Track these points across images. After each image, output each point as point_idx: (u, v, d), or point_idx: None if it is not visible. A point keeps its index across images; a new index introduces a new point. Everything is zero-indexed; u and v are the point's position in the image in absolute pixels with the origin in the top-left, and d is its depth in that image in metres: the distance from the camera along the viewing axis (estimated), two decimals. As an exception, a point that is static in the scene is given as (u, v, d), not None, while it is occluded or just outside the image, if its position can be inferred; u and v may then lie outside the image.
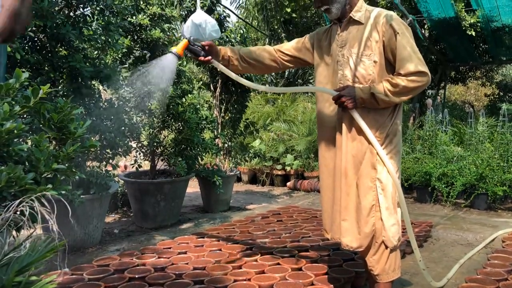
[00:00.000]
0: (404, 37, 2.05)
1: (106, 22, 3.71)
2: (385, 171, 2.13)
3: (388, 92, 2.04)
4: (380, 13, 2.14)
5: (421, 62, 2.05)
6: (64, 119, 1.56)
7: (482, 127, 6.39)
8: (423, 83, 2.06)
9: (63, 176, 1.52)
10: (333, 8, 2.16)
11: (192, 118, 4.44)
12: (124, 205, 5.24)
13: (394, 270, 2.20)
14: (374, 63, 2.11)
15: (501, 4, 7.38)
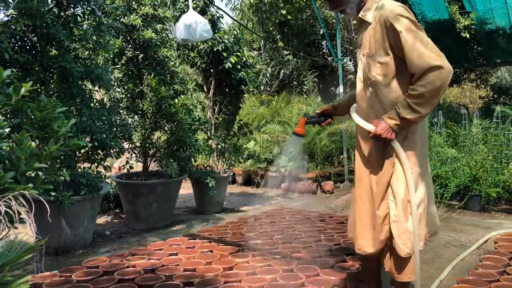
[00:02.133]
0: (408, 34, 1.92)
1: (97, 22, 3.69)
2: (397, 176, 2.06)
3: (414, 105, 1.91)
4: (384, 10, 2.00)
5: (434, 54, 1.89)
6: (47, 117, 1.53)
7: (476, 129, 6.39)
8: (444, 77, 1.87)
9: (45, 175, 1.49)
10: (347, 9, 2.13)
11: (184, 119, 4.41)
12: (116, 207, 5.21)
13: (410, 272, 2.17)
14: (380, 64, 2.03)
15: (495, 7, 7.39)
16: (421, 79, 1.89)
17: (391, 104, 2.03)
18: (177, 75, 4.72)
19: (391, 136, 1.98)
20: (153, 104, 4.47)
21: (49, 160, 1.50)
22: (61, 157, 1.96)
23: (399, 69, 2.01)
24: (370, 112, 2.13)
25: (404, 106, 1.94)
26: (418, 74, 1.91)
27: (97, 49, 3.82)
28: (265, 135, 7.53)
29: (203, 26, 4.11)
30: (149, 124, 4.56)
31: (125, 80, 4.59)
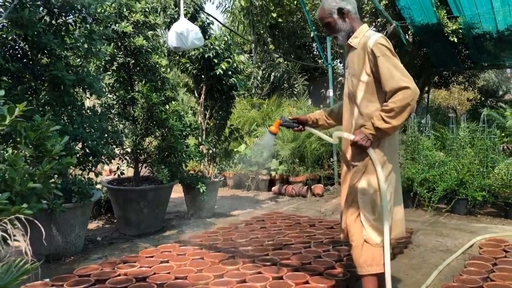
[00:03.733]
0: (384, 59, 2.29)
1: (89, 30, 3.70)
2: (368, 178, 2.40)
3: (388, 118, 2.27)
4: (368, 39, 2.38)
5: (403, 77, 2.26)
6: (41, 136, 1.56)
7: (463, 132, 6.50)
8: (411, 97, 2.24)
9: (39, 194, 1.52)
10: (339, 36, 2.53)
11: (175, 126, 4.45)
12: (107, 212, 5.22)
13: (370, 265, 2.41)
14: (361, 82, 2.41)
15: (482, 12, 7.53)
16: (393, 97, 2.26)
17: (370, 116, 2.38)
18: (168, 81, 4.74)
19: (367, 144, 2.35)
20: (144, 110, 4.50)
21: (43, 179, 1.53)
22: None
23: (377, 88, 2.37)
24: (353, 123, 2.48)
25: (378, 118, 2.30)
26: (390, 93, 2.27)
27: (89, 57, 3.83)
28: (256, 138, 7.58)
29: (194, 34, 4.15)
30: (140, 130, 4.59)
31: (116, 87, 4.61)
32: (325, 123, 2.84)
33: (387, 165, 2.43)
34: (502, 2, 7.04)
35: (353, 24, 2.50)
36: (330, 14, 2.50)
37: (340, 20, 2.49)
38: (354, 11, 2.52)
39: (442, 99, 15.87)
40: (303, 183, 6.91)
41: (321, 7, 2.57)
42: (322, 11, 2.54)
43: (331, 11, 2.50)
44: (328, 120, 2.83)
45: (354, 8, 2.52)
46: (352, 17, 2.50)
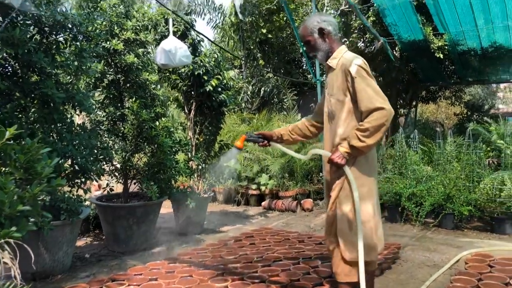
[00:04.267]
0: (361, 79, 2.40)
1: (79, 48, 3.74)
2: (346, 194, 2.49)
3: (362, 137, 2.36)
4: (347, 60, 2.49)
5: (379, 98, 2.36)
6: (30, 159, 1.59)
7: (450, 147, 6.60)
8: (385, 117, 2.34)
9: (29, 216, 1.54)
10: (318, 55, 2.64)
11: (165, 142, 4.47)
12: (96, 228, 5.20)
13: (347, 275, 2.52)
14: (339, 102, 2.52)
15: (466, 30, 7.71)
16: (368, 117, 2.36)
17: (347, 135, 2.48)
18: (158, 97, 4.78)
19: (342, 161, 2.44)
20: (134, 127, 4.52)
21: (32, 202, 1.55)
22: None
23: (354, 107, 2.48)
24: (331, 140, 2.59)
25: (354, 137, 2.40)
26: (366, 112, 2.38)
27: (79, 74, 3.86)
28: (246, 153, 7.61)
29: (183, 52, 4.21)
30: (129, 147, 4.60)
31: (106, 103, 4.63)
32: (289, 138, 2.90)
33: (366, 181, 2.51)
34: (485, 20, 7.22)
35: (332, 45, 2.60)
36: (311, 33, 2.61)
37: (320, 40, 2.60)
38: (334, 32, 2.61)
39: (430, 113, 16.09)
40: (292, 198, 6.94)
41: (303, 25, 2.67)
42: (304, 29, 2.65)
43: (312, 30, 2.60)
44: (292, 135, 2.90)
45: (335, 30, 2.62)
46: (332, 38, 2.60)
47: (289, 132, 2.90)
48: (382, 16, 7.75)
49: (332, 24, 2.61)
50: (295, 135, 2.90)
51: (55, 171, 2.09)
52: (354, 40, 9.71)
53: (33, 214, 1.55)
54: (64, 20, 3.52)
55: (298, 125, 2.92)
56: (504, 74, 10.39)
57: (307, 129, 2.90)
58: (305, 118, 2.97)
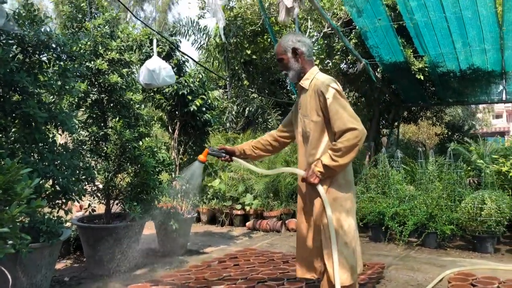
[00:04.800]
0: (334, 100, 2.43)
1: (62, 68, 3.72)
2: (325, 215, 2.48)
3: (334, 157, 2.40)
4: (319, 81, 2.53)
5: (352, 118, 2.40)
6: (10, 180, 1.56)
7: (432, 166, 6.70)
8: (358, 138, 2.38)
9: (7, 238, 1.50)
10: (289, 73, 2.67)
11: (148, 162, 4.43)
12: (77, 250, 5.08)
13: None
14: (312, 122, 2.54)
15: (445, 52, 7.92)
16: (341, 137, 2.40)
17: (321, 155, 2.51)
18: (142, 117, 4.76)
19: (315, 180, 2.46)
20: (117, 146, 4.48)
21: (11, 223, 1.51)
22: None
23: (327, 128, 2.51)
24: (306, 160, 2.61)
25: (327, 157, 2.43)
26: (339, 133, 2.41)
27: (62, 94, 3.83)
28: (231, 173, 7.60)
29: (166, 72, 4.23)
30: (112, 167, 4.55)
31: (89, 123, 4.59)
32: (252, 153, 2.91)
33: (348, 199, 2.55)
34: (463, 43, 7.45)
35: (305, 66, 2.64)
36: (285, 51, 2.65)
37: (293, 59, 2.63)
38: (308, 53, 2.65)
39: (411, 134, 16.36)
40: (277, 218, 6.92)
41: (278, 43, 2.72)
42: (278, 47, 2.69)
43: (286, 49, 2.64)
44: (255, 150, 2.91)
45: (309, 51, 2.66)
46: (304, 59, 2.64)
47: (252, 147, 2.91)
48: (364, 38, 7.93)
49: (306, 45, 2.65)
50: (258, 150, 2.91)
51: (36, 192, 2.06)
52: (337, 62, 9.89)
53: (11, 236, 1.52)
54: (48, 40, 3.51)
55: (261, 140, 2.94)
56: (482, 95, 10.67)
57: (270, 144, 2.91)
58: (268, 133, 2.99)
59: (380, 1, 6.66)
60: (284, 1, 5.31)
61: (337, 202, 2.50)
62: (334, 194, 2.51)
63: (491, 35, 7.04)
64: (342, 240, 2.47)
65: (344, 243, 2.47)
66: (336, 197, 2.51)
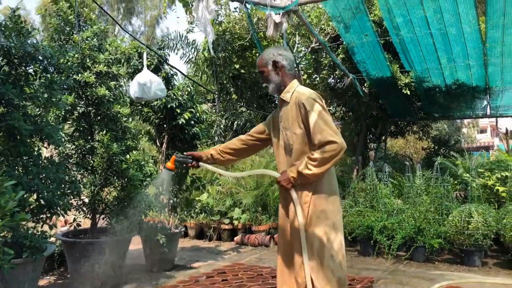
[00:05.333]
0: (314, 113, 2.47)
1: (49, 80, 3.68)
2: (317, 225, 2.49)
3: (310, 166, 2.43)
4: (300, 94, 2.57)
5: (331, 132, 2.43)
6: (-8, 192, 1.52)
7: (419, 180, 6.74)
8: (336, 151, 2.42)
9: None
10: (270, 86, 2.70)
11: (136, 176, 4.38)
12: (61, 266, 4.97)
13: None
14: (294, 135, 2.57)
15: (431, 67, 8.05)
16: (319, 148, 2.43)
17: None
18: (130, 130, 4.72)
19: (288, 185, 2.51)
20: (104, 160, 4.42)
21: (-7, 238, 1.47)
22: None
23: (309, 140, 2.53)
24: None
25: (303, 164, 2.46)
26: (318, 144, 2.44)
27: (48, 107, 3.78)
28: (219, 187, 7.55)
29: (157, 85, 4.21)
30: (99, 181, 4.48)
31: (75, 136, 4.54)
32: (220, 157, 2.90)
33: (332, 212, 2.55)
34: (448, 59, 7.57)
35: (285, 79, 2.67)
36: (266, 64, 2.68)
37: (273, 72, 2.67)
38: (289, 67, 2.69)
39: (398, 148, 16.49)
40: (266, 232, 6.87)
41: (260, 56, 2.76)
42: (260, 60, 2.73)
43: (267, 62, 2.68)
44: (223, 155, 2.90)
45: (290, 65, 2.69)
46: (285, 72, 2.67)
47: (220, 151, 2.90)
48: (351, 53, 8.02)
49: (287, 59, 2.68)
50: (226, 155, 2.90)
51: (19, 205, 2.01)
52: (324, 77, 9.97)
53: (-7, 251, 1.47)
54: (34, 52, 3.48)
55: (229, 144, 2.94)
56: (467, 110, 10.82)
57: (239, 148, 2.91)
58: (237, 137, 2.99)
59: (367, 17, 6.76)
60: (273, 16, 5.37)
61: (323, 214, 2.51)
62: (321, 206, 2.52)
63: (475, 51, 7.18)
64: (329, 253, 2.47)
65: (331, 256, 2.47)
66: (323, 209, 2.52)
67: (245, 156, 3.12)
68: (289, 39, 10.22)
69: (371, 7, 8.57)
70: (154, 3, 29.05)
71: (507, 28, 6.41)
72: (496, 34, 6.60)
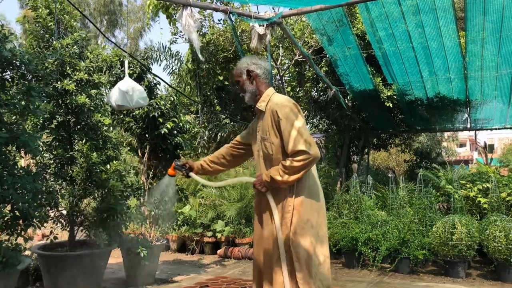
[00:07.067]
0: (287, 121, 2.48)
1: (27, 87, 3.56)
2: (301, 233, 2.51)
3: (282, 172, 2.46)
4: (274, 103, 2.57)
5: (303, 141, 2.43)
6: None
7: (402, 192, 6.76)
8: (308, 160, 2.43)
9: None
10: (245, 96, 2.72)
11: (116, 186, 4.26)
12: (36, 281, 4.76)
13: None
14: (272, 144, 2.57)
15: (413, 80, 8.14)
16: (292, 157, 2.45)
17: None
18: (110, 140, 4.61)
19: (262, 188, 2.56)
20: (83, 170, 4.29)
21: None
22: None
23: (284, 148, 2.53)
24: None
25: (276, 170, 2.49)
26: (291, 153, 2.46)
27: (25, 114, 3.66)
28: (201, 199, 7.43)
29: (139, 94, 4.13)
30: (78, 191, 4.34)
31: (54, 145, 4.40)
32: (208, 168, 2.96)
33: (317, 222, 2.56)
34: (429, 72, 7.68)
35: (260, 88, 2.68)
36: (240, 74, 2.72)
37: (248, 81, 2.69)
38: (263, 76, 2.70)
39: (381, 160, 16.60)
40: (249, 245, 6.76)
41: (236, 66, 2.81)
42: (235, 70, 2.78)
43: (241, 71, 2.71)
44: (211, 165, 2.96)
45: (264, 74, 2.71)
46: (259, 81, 2.68)
47: (208, 162, 2.97)
48: (335, 66, 8.07)
49: (261, 67, 2.69)
50: (214, 165, 2.96)
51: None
52: (308, 89, 10.01)
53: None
54: (11, 57, 3.37)
55: (217, 154, 3.00)
56: (448, 123, 10.97)
57: (224, 158, 2.97)
58: (224, 147, 3.05)
59: (350, 30, 6.83)
60: (256, 28, 5.37)
61: (308, 223, 2.52)
62: (305, 216, 2.52)
63: (455, 65, 7.31)
64: (316, 263, 2.47)
65: (318, 265, 2.48)
66: (308, 219, 2.53)
67: (233, 165, 3.16)
68: (273, 52, 10.25)
69: (354, 20, 8.67)
70: (138, 16, 28.98)
71: (486, 43, 6.55)
72: (476, 48, 6.74)
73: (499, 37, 6.32)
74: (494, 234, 5.08)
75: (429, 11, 5.97)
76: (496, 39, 6.40)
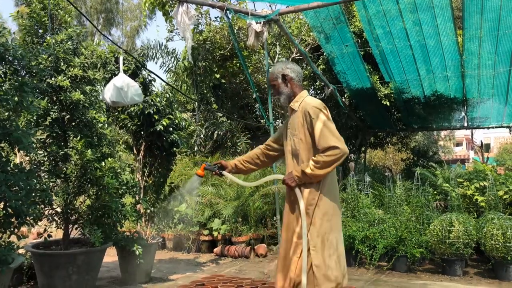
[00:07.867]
0: (318, 120, 2.70)
1: (20, 82, 3.51)
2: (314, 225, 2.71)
3: (313, 167, 2.66)
4: (307, 103, 2.80)
5: (334, 137, 2.65)
6: None
7: (399, 190, 6.74)
8: (338, 155, 2.64)
9: None
10: (281, 98, 2.97)
11: (111, 183, 4.21)
12: (30, 280, 4.72)
13: None
14: (300, 141, 2.80)
15: (410, 78, 8.12)
16: (323, 153, 2.66)
17: None
18: (105, 137, 4.55)
19: (292, 183, 2.75)
20: (77, 167, 4.24)
21: None
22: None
23: (313, 145, 2.74)
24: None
25: (307, 165, 2.70)
26: (321, 149, 2.67)
27: (19, 110, 3.60)
28: (198, 197, 7.38)
29: (134, 90, 4.09)
30: (72, 189, 4.29)
31: (48, 142, 4.35)
32: (243, 167, 3.16)
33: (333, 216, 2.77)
34: (427, 70, 7.66)
35: (294, 90, 2.92)
36: (276, 78, 2.95)
37: (283, 85, 2.93)
38: (297, 79, 2.94)
39: (378, 159, 16.63)
40: (246, 243, 6.73)
41: (270, 71, 3.03)
42: (271, 74, 3.00)
43: (276, 76, 2.94)
44: (245, 165, 3.16)
45: (298, 77, 2.94)
46: (294, 84, 2.92)
47: (242, 161, 3.16)
48: (332, 64, 8.04)
49: (295, 71, 2.93)
50: (248, 164, 3.16)
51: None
52: (305, 87, 9.98)
53: None
54: (4, 52, 3.32)
55: (251, 154, 3.20)
56: (444, 121, 10.96)
57: (258, 158, 3.16)
58: (258, 147, 3.22)
59: (347, 28, 6.79)
60: (253, 26, 5.33)
61: (326, 216, 2.73)
62: (324, 209, 2.74)
63: (453, 63, 7.29)
64: (328, 252, 2.68)
65: (329, 255, 2.68)
66: (326, 212, 2.74)
67: (265, 166, 3.33)
68: (270, 50, 10.22)
69: (352, 18, 8.65)
70: (135, 14, 28.87)
71: (483, 42, 6.53)
72: (473, 46, 6.72)
73: (496, 35, 6.31)
74: (491, 232, 5.06)
75: (426, 9, 5.95)
76: (493, 38, 6.39)
